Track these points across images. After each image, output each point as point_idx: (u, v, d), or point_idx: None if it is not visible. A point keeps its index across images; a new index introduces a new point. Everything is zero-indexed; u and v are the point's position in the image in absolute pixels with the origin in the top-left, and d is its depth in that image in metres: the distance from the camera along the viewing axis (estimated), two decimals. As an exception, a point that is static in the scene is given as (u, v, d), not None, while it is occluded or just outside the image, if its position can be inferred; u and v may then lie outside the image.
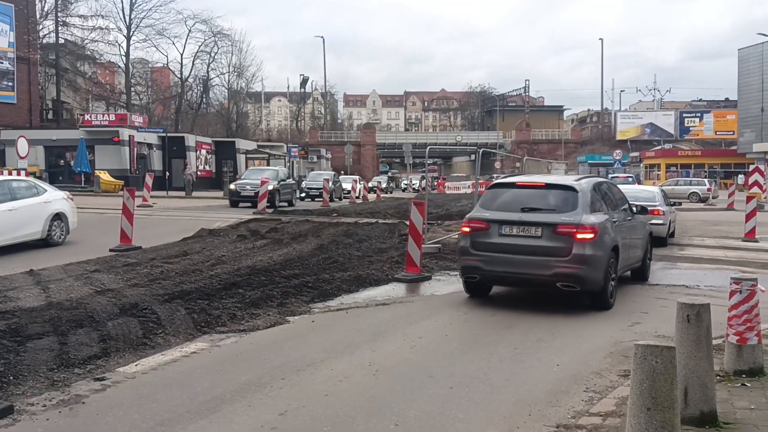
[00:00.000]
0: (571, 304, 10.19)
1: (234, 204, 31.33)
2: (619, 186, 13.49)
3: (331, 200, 36.97)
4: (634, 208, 12.26)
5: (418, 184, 67.40)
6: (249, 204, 30.32)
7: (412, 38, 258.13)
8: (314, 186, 40.72)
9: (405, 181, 75.90)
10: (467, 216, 10.85)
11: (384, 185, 58.59)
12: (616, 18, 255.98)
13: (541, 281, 9.72)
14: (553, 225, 9.68)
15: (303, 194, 40.15)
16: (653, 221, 15.58)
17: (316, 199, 38.48)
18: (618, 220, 10.75)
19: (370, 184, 51.37)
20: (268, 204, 29.18)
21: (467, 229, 10.50)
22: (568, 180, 11.04)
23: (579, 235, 9.54)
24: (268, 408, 5.91)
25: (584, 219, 9.70)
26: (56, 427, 5.43)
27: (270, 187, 29.83)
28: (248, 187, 31.31)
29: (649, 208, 14.14)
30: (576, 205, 9.86)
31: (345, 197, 44.11)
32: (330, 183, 38.02)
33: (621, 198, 11.98)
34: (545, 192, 10.43)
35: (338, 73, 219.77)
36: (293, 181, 38.80)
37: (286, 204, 33.06)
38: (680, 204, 16.35)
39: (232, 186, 33.18)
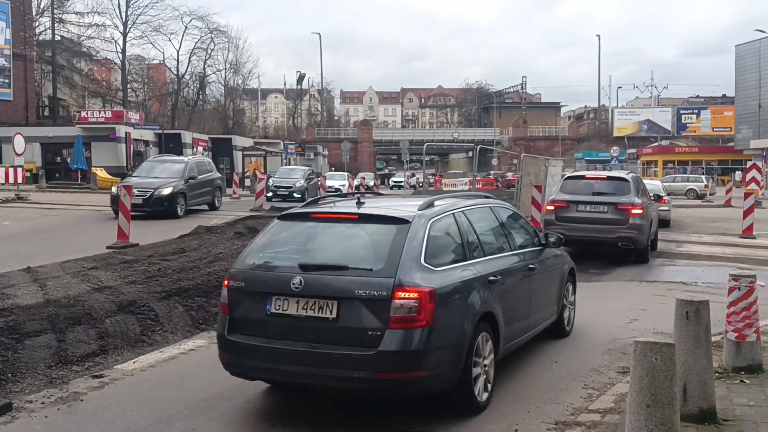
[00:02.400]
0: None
1: (269, 199, 31.58)
2: None
3: (302, 200, 31.79)
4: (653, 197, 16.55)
5: (405, 181, 61.93)
6: (281, 199, 32.69)
7: (409, 35, 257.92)
8: (284, 185, 34.61)
9: (395, 178, 69.03)
10: (551, 198, 15.33)
11: (371, 183, 54.58)
12: (614, 14, 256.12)
13: (607, 242, 12.40)
14: (615, 204, 14.18)
15: (270, 194, 32.63)
16: (661, 208, 19.24)
17: (287, 200, 31.84)
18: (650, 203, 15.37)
19: (355, 182, 47.44)
20: (299, 199, 29.83)
21: (551, 207, 14.92)
22: (622, 173, 16.25)
23: (633, 211, 14.10)
24: (267, 405, 5.90)
25: (635, 200, 14.32)
26: (55, 424, 5.42)
27: (298, 185, 33.55)
28: (284, 184, 34.29)
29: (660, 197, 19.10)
30: (630, 191, 14.51)
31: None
32: (302, 181, 34.56)
33: (647, 189, 16.60)
34: (607, 183, 14.96)
35: (335, 69, 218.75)
36: (317, 180, 37.13)
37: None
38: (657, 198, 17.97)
39: (270, 183, 33.86)
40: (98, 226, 18.18)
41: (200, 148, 54.84)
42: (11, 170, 31.35)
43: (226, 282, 5.87)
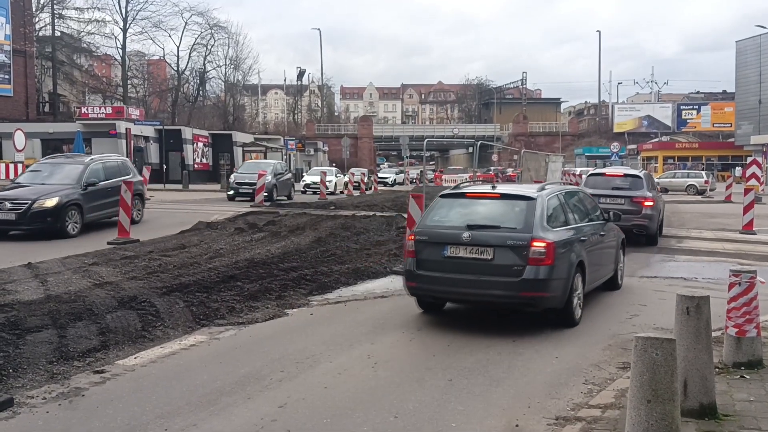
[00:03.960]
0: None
1: (231, 198, 30.72)
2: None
3: (270, 199, 29.26)
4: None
5: (393, 179, 59.24)
6: (247, 198, 29.53)
7: (410, 30, 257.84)
8: (246, 181, 30.53)
9: (381, 174, 62.93)
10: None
11: (361, 179, 50.12)
12: (615, 10, 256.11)
13: (624, 229, 12.52)
14: (630, 197, 16.56)
15: (231, 192, 31.07)
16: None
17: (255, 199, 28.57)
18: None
19: (345, 178, 45.71)
20: (266, 197, 28.35)
21: None
22: (636, 171, 18.68)
23: (646, 203, 16.50)
24: (267, 400, 5.91)
25: (647, 194, 16.79)
26: (56, 419, 5.43)
27: (267, 180, 28.96)
28: (247, 180, 30.41)
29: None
30: (643, 186, 17.06)
31: (316, 192, 36.73)
32: (270, 177, 30.03)
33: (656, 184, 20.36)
34: (624, 179, 17.47)
35: (335, 65, 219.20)
36: (291, 175, 35.79)
37: (284, 198, 31.83)
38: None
39: (231, 179, 31.94)
40: (99, 222, 18.15)
41: (201, 145, 54.85)
42: (11, 166, 31.35)
43: (411, 237, 8.80)
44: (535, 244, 8.05)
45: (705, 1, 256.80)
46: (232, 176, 32.91)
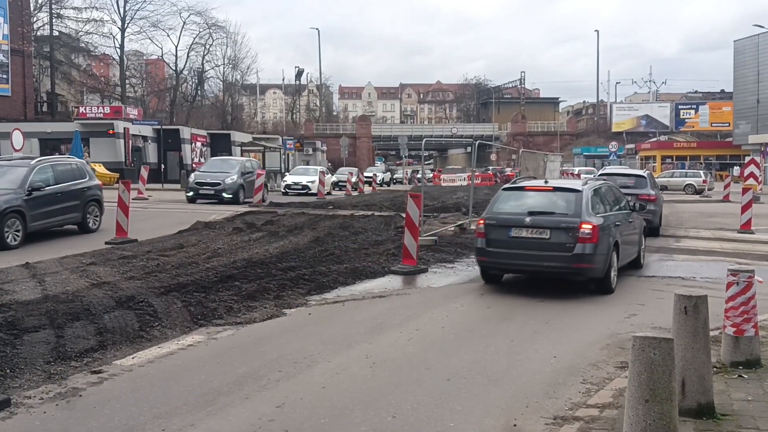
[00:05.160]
0: (571, 294, 10.26)
1: (192, 200, 26.86)
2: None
3: (235, 201, 26.64)
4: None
5: (381, 178, 56.16)
6: (209, 201, 26.77)
7: (411, 29, 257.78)
8: (208, 181, 27.36)
9: (366, 173, 57.51)
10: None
11: (348, 179, 44.05)
12: (616, 9, 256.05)
13: None
14: (636, 194, 17.47)
15: (191, 193, 27.39)
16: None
17: (215, 201, 26.78)
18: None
19: (333, 179, 43.27)
20: (229, 199, 26.05)
21: None
22: (640, 172, 21.30)
23: (650, 200, 17.92)
24: (265, 400, 5.90)
25: (651, 192, 18.80)
26: (53, 419, 5.41)
27: (233, 180, 26.69)
28: (209, 180, 27.06)
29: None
30: (647, 185, 19.12)
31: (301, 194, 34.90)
32: (236, 176, 27.43)
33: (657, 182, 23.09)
34: (629, 178, 19.52)
35: (336, 64, 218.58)
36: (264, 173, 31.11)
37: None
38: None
39: (191, 178, 27.50)
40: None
41: (199, 144, 54.82)
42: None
43: (481, 221, 10.99)
44: (584, 226, 10.15)
45: (705, 1, 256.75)
46: (192, 175, 28.35)
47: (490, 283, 11.37)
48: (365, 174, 55.20)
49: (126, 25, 65.07)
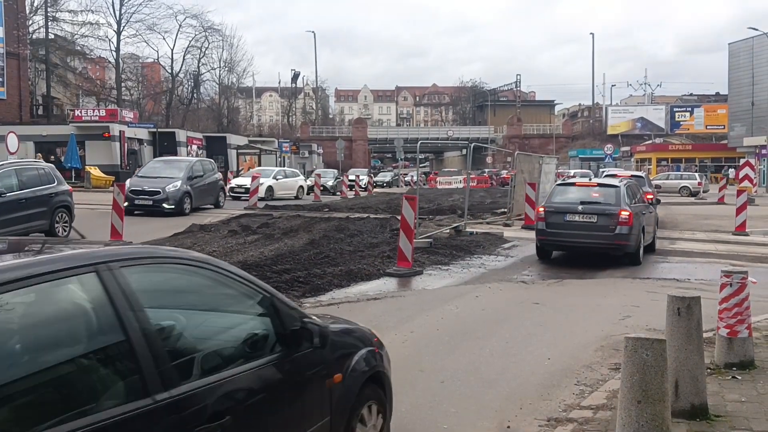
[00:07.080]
0: (565, 296, 10.26)
1: (129, 212, 19.70)
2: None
3: (179, 212, 22.32)
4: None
5: (366, 180, 48.13)
6: (145, 213, 22.19)
7: (408, 31, 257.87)
8: (144, 189, 22.58)
9: (350, 176, 49.68)
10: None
11: (330, 183, 43.30)
12: (612, 12, 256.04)
13: None
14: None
15: (126, 203, 19.08)
16: None
17: (159, 214, 22.04)
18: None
19: (307, 181, 39.12)
20: (171, 210, 22.30)
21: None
22: (638, 173, 22.92)
23: (647, 196, 17.80)
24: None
25: (647, 189, 19.70)
26: None
27: (176, 187, 22.66)
28: (145, 188, 22.59)
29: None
30: (644, 184, 21.23)
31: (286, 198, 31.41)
32: (180, 182, 22.91)
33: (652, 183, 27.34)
34: (629, 178, 19.19)
35: (333, 67, 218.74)
36: (219, 176, 27.24)
37: (211, 206, 25.02)
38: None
39: (126, 184, 20.89)
40: (92, 225, 18.13)
41: (195, 147, 54.80)
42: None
43: (541, 208, 14.43)
44: (622, 212, 13.48)
45: (702, 3, 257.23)
46: (127, 181, 23.29)
47: (543, 259, 14.52)
48: (349, 177, 48.77)
49: (122, 28, 65.03)
